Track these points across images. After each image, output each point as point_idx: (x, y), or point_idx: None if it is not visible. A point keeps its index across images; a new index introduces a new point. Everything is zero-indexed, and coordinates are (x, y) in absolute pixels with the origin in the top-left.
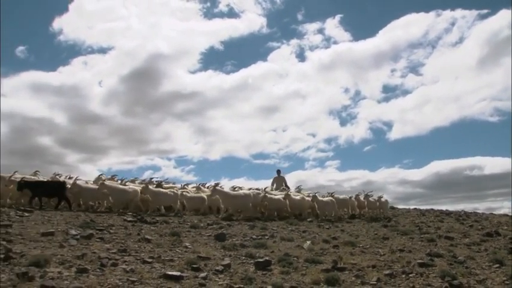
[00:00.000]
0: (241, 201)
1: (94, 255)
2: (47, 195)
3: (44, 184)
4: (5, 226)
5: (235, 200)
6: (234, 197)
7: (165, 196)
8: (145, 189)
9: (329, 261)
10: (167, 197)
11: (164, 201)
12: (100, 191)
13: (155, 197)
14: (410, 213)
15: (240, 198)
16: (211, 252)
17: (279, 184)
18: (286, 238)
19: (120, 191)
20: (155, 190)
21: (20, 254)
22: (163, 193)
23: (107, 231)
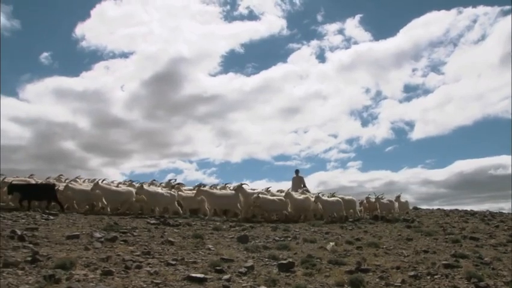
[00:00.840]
0: (228, 201)
1: (118, 257)
2: (37, 198)
3: (33, 187)
4: (31, 229)
5: (221, 200)
6: (220, 197)
7: (161, 197)
8: (140, 189)
9: (353, 262)
10: (164, 198)
11: (161, 202)
12: (93, 192)
13: (151, 197)
14: (434, 213)
15: (226, 198)
16: (234, 254)
17: (297, 184)
18: (309, 239)
19: (113, 192)
20: (150, 191)
21: (47, 257)
22: (159, 194)
23: (131, 233)
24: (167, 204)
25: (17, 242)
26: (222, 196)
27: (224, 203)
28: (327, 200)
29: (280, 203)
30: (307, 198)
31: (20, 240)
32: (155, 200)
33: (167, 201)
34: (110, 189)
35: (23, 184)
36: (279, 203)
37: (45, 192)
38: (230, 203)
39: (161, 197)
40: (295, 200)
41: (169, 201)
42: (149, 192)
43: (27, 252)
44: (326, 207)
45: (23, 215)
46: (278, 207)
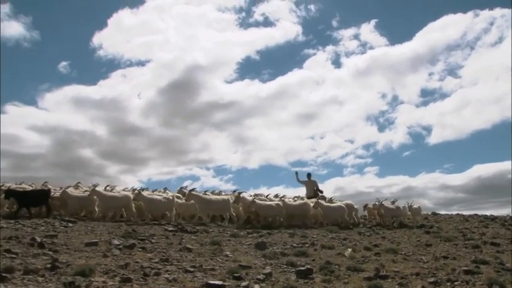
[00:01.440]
0: (219, 207)
1: (136, 264)
2: (33, 205)
3: (29, 193)
4: (50, 236)
5: (212, 205)
6: (211, 202)
7: (159, 203)
8: (137, 195)
9: (371, 269)
10: (161, 204)
11: (159, 208)
12: (90, 197)
13: (148, 203)
14: (453, 218)
15: (217, 203)
16: (252, 260)
17: (310, 188)
18: (327, 246)
19: (110, 197)
20: (148, 197)
21: (66, 264)
22: (157, 200)
23: (149, 240)
24: (165, 210)
25: (37, 249)
26: (212, 201)
27: (214, 208)
28: (328, 206)
29: (277, 208)
30: (305, 203)
31: (39, 247)
32: (152, 206)
33: (164, 207)
34: (107, 195)
35: (20, 190)
36: (275, 208)
37: (41, 198)
38: (221, 208)
39: (159, 203)
40: (290, 206)
41: (167, 208)
42: (146, 198)
43: (47, 259)
44: (326, 213)
45: (43, 222)
46: (274, 212)
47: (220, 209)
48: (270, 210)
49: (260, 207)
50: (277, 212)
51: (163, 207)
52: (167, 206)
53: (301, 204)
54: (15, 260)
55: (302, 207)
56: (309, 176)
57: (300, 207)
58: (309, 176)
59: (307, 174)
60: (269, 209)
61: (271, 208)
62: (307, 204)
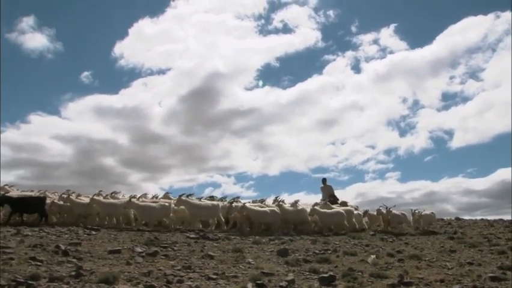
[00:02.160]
0: (208, 212)
1: (159, 272)
2: (28, 211)
3: (23, 200)
4: (74, 244)
5: (202, 210)
6: (201, 208)
7: (152, 210)
8: (128, 203)
9: (395, 275)
10: (155, 211)
11: (151, 215)
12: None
13: (140, 210)
14: (477, 224)
15: (207, 209)
16: (274, 267)
17: (325, 194)
18: (350, 252)
19: (110, 205)
20: (140, 204)
21: (90, 271)
22: (149, 207)
23: (171, 248)
24: (160, 217)
25: (61, 256)
26: (201, 207)
27: (203, 213)
28: (324, 212)
29: (271, 214)
30: (302, 210)
31: (64, 255)
32: (144, 213)
33: (158, 214)
34: (106, 203)
35: (14, 197)
36: (269, 214)
37: (36, 205)
38: (210, 214)
39: (152, 210)
40: (287, 212)
41: (162, 214)
42: (138, 205)
43: (72, 266)
44: (323, 219)
45: (66, 230)
46: (268, 218)
47: (209, 214)
48: (263, 216)
49: (252, 213)
50: (272, 218)
51: (157, 214)
52: (161, 213)
53: (299, 210)
54: (41, 267)
55: (300, 213)
56: (325, 181)
57: (298, 213)
58: (325, 181)
59: (322, 180)
60: (262, 215)
61: (265, 214)
62: (304, 210)
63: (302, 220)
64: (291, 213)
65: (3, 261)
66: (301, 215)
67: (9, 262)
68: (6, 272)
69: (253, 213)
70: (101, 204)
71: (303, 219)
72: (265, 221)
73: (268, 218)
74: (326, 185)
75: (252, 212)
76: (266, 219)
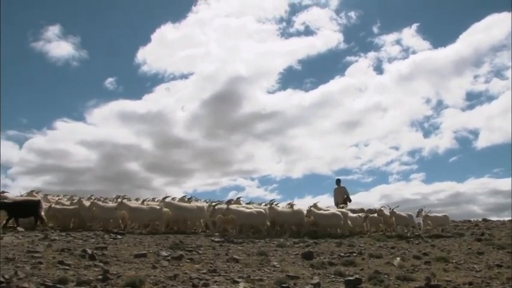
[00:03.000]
0: (192, 214)
1: (185, 275)
2: (23, 215)
3: (18, 204)
4: (101, 248)
5: (185, 212)
6: (184, 210)
7: (143, 212)
8: (120, 205)
9: (422, 278)
10: (146, 213)
11: (142, 218)
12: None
13: (131, 213)
14: (505, 225)
15: (190, 211)
16: (299, 271)
17: (339, 195)
18: (375, 255)
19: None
20: (131, 206)
21: (117, 275)
22: (140, 209)
23: (196, 251)
24: (151, 220)
25: (88, 260)
26: (185, 209)
27: (188, 216)
28: (321, 214)
29: (258, 215)
30: (297, 211)
31: (90, 259)
32: (136, 216)
33: (149, 216)
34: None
35: (8, 202)
36: (256, 216)
37: (31, 209)
38: (195, 216)
39: (143, 212)
40: (280, 213)
41: (153, 217)
42: (130, 207)
43: (98, 270)
44: (320, 221)
45: (93, 234)
46: (254, 220)
47: (193, 217)
48: (248, 217)
49: (238, 215)
50: (258, 219)
51: (148, 216)
52: (153, 216)
53: (294, 211)
54: (68, 271)
55: (296, 215)
56: (339, 182)
57: (293, 215)
58: (339, 182)
59: (336, 181)
60: (247, 217)
61: (250, 215)
62: (301, 211)
63: (298, 222)
64: (286, 215)
65: (32, 265)
66: (297, 217)
67: (38, 266)
68: (36, 275)
69: (237, 214)
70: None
71: (298, 220)
72: (250, 223)
73: (254, 220)
74: (339, 186)
75: (236, 213)
76: (252, 221)
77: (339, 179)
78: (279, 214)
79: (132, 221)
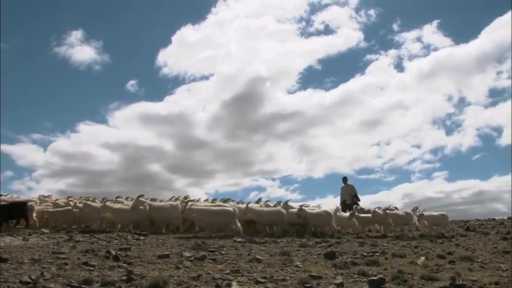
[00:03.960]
0: (166, 214)
1: (208, 276)
2: (10, 218)
3: (5, 207)
4: (124, 249)
5: (160, 211)
6: (159, 209)
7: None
8: (104, 207)
9: (447, 277)
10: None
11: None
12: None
13: (115, 214)
14: None
15: (165, 210)
16: (322, 270)
17: (346, 194)
18: (398, 254)
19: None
20: (115, 207)
21: (141, 276)
22: (123, 210)
23: (219, 252)
24: (136, 220)
25: (112, 261)
26: (161, 208)
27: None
28: (311, 213)
29: (224, 214)
30: (278, 210)
31: (114, 260)
32: (119, 216)
33: (134, 216)
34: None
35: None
36: (222, 215)
37: (17, 210)
38: (169, 216)
39: (127, 212)
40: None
41: (138, 217)
42: (113, 208)
43: (123, 271)
44: (310, 220)
45: (116, 236)
46: (218, 219)
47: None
48: (212, 216)
49: (202, 214)
50: (225, 218)
51: (133, 216)
52: (137, 216)
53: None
54: (93, 272)
55: (275, 214)
56: (345, 180)
57: (273, 214)
58: (345, 180)
59: (343, 178)
60: (211, 215)
61: (216, 214)
62: (280, 211)
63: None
64: (264, 214)
65: (58, 266)
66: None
67: (63, 267)
68: (61, 276)
69: (201, 213)
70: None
71: (277, 220)
72: (216, 222)
73: (220, 219)
74: (346, 184)
75: (201, 212)
76: (217, 220)
77: (345, 177)
78: (256, 213)
79: (117, 222)
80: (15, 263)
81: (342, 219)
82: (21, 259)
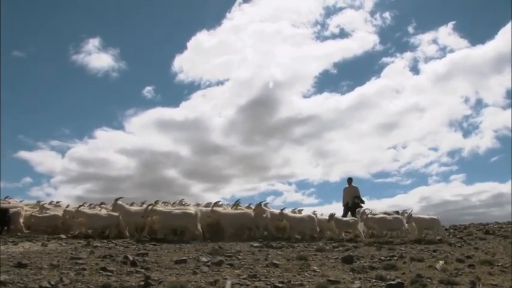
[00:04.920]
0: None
1: (225, 281)
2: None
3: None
4: (142, 255)
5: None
6: (134, 214)
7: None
8: (77, 212)
9: (466, 282)
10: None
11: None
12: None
13: (88, 219)
14: None
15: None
16: (340, 275)
17: (348, 196)
18: (417, 258)
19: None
20: (88, 212)
21: (158, 281)
22: (95, 215)
23: (236, 257)
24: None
25: (129, 267)
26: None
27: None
28: (294, 217)
29: (184, 216)
30: (244, 213)
31: (132, 265)
32: (92, 221)
33: (106, 222)
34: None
35: None
36: (181, 217)
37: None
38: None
39: (99, 218)
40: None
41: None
42: (86, 213)
43: (140, 276)
44: (292, 225)
45: (133, 241)
46: (180, 222)
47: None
48: (173, 219)
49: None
50: (185, 221)
51: (104, 222)
52: (109, 221)
53: (239, 213)
54: (111, 277)
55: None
56: (350, 181)
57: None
58: (350, 181)
59: (347, 180)
60: (172, 218)
61: (175, 217)
62: (246, 213)
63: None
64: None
65: (76, 271)
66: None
67: (81, 272)
68: (80, 282)
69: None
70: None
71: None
72: (175, 225)
73: (179, 222)
74: (351, 185)
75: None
76: (176, 223)
77: (350, 178)
78: (221, 216)
79: (88, 228)
80: (34, 269)
81: (320, 222)
82: (41, 264)
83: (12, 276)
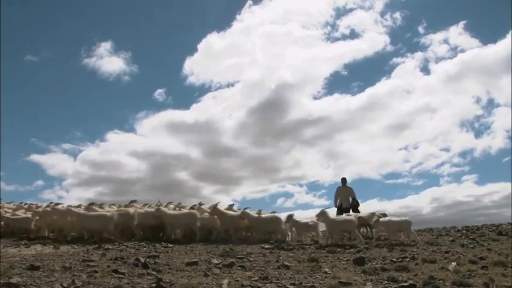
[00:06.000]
0: (98, 223)
1: (237, 283)
2: None
3: None
4: (153, 257)
5: (92, 221)
6: (91, 218)
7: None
8: (69, 212)
9: (479, 283)
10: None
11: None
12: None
13: (79, 220)
14: None
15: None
16: (351, 277)
17: (344, 197)
18: (429, 260)
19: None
20: (80, 213)
21: (170, 283)
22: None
23: (247, 259)
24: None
25: (141, 269)
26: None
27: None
28: (258, 217)
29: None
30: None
31: (143, 267)
32: (83, 223)
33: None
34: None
35: None
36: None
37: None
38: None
39: (89, 218)
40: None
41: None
42: (78, 214)
43: (152, 279)
44: (255, 225)
45: (144, 243)
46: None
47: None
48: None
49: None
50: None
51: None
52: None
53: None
54: (123, 279)
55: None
56: (344, 181)
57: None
58: (344, 181)
59: (341, 179)
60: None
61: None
62: (192, 213)
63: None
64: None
65: (88, 274)
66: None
67: (93, 275)
68: (92, 284)
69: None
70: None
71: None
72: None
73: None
74: (345, 186)
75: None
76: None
77: (344, 178)
78: (165, 216)
79: (79, 228)
80: (47, 271)
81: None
82: (53, 267)
83: (25, 278)
